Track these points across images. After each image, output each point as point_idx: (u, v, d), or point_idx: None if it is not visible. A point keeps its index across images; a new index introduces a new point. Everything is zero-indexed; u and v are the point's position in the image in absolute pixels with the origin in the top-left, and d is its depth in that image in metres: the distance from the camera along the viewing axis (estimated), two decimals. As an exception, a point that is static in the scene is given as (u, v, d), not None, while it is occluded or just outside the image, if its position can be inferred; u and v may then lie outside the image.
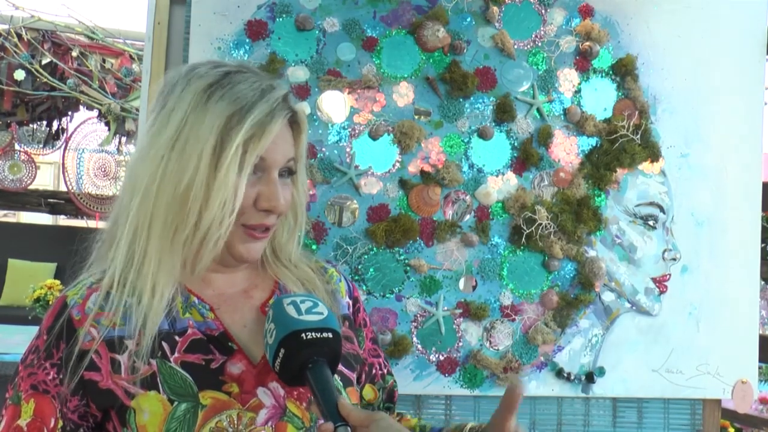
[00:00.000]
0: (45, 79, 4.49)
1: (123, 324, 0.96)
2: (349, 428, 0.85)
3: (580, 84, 1.77)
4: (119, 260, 0.99)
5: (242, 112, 0.95)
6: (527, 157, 1.73)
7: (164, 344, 0.96)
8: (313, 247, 1.64)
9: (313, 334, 0.90)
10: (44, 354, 0.96)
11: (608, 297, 1.77)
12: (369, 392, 1.16)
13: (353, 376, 1.08)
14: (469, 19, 1.74)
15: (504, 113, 1.72)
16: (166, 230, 0.96)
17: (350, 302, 1.16)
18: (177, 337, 0.98)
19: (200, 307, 1.01)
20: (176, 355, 0.96)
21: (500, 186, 1.72)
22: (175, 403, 0.93)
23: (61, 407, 0.95)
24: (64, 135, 5.88)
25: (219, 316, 1.02)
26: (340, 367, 1.04)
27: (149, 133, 0.99)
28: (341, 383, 1.04)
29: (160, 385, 0.94)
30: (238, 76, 0.99)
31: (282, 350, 0.90)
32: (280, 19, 1.67)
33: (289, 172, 1.03)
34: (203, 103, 0.96)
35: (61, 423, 0.95)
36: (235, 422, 0.94)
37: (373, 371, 1.17)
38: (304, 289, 1.09)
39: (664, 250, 1.80)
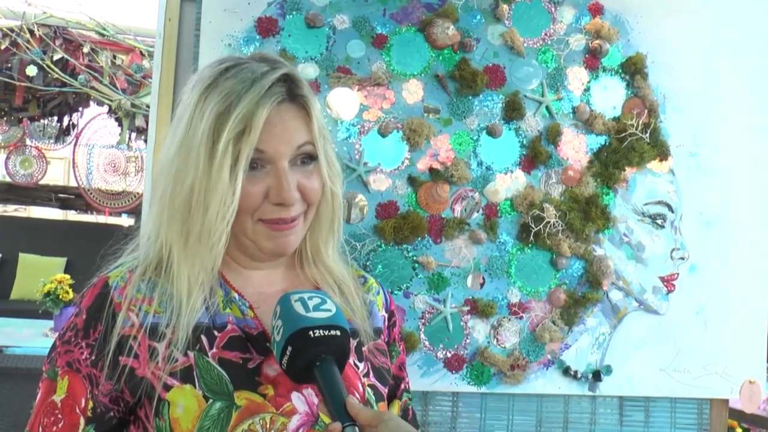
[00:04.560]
0: (56, 75, 4.51)
1: (162, 311, 0.96)
2: (357, 428, 0.84)
3: (589, 82, 1.77)
4: (156, 251, 1.01)
5: (230, 109, 0.94)
6: (536, 155, 1.73)
7: (203, 338, 0.96)
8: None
9: (321, 331, 0.89)
10: (82, 333, 0.96)
11: (616, 296, 1.77)
12: (394, 408, 1.14)
13: (385, 390, 1.07)
14: (478, 17, 1.74)
15: (513, 111, 1.72)
16: (182, 236, 0.97)
17: (386, 316, 1.15)
18: (216, 332, 0.97)
19: (240, 303, 1.01)
20: (214, 350, 0.96)
21: (509, 184, 1.72)
22: (210, 400, 0.92)
23: (92, 388, 0.95)
24: (75, 131, 5.92)
25: (258, 315, 1.01)
26: (373, 380, 1.04)
27: (166, 141, 1.01)
28: (374, 396, 1.03)
29: (196, 379, 0.93)
30: (235, 69, 0.97)
31: (289, 348, 0.89)
32: (290, 16, 1.67)
33: (309, 157, 0.99)
34: (200, 107, 0.96)
35: (91, 404, 0.95)
36: (268, 426, 0.93)
37: (401, 386, 1.17)
38: (341, 295, 1.07)
39: (672, 249, 1.79)
